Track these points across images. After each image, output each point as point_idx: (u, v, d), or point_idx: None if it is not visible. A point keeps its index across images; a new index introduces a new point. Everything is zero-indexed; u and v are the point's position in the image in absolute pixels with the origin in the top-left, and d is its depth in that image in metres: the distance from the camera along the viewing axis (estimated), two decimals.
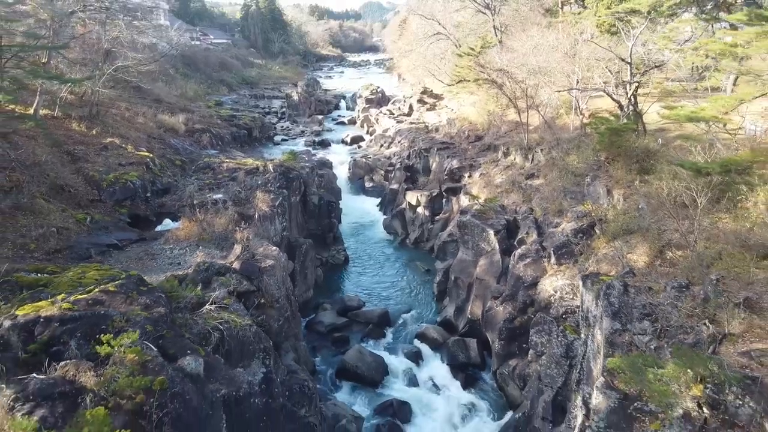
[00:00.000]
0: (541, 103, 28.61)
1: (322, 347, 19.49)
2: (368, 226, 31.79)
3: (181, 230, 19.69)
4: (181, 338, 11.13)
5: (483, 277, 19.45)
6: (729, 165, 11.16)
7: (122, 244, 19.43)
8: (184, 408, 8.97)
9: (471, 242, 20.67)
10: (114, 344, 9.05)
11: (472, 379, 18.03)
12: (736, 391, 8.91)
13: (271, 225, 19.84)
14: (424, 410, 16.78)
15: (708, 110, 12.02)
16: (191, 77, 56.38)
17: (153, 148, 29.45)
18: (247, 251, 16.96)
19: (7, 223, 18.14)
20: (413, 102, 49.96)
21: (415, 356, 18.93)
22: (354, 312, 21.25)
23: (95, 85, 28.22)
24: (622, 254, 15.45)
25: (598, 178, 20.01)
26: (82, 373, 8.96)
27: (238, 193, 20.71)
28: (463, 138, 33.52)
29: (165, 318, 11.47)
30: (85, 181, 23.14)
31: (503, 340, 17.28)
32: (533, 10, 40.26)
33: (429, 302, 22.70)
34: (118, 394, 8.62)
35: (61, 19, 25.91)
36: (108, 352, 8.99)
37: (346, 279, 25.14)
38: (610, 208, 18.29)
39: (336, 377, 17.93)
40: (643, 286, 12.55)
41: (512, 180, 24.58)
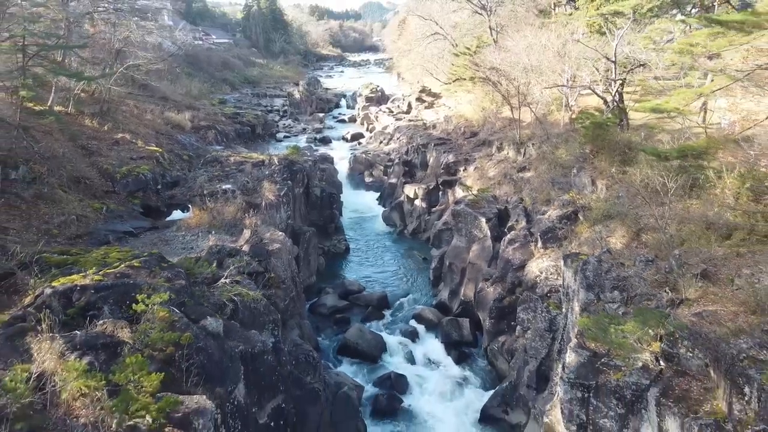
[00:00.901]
0: (534, 101, 29.96)
1: (324, 327, 20.83)
2: (368, 218, 33.13)
3: (193, 218, 21.03)
4: (200, 306, 12.46)
5: (475, 261, 20.79)
6: (686, 151, 12.49)
7: (137, 232, 20.74)
8: (208, 360, 10.30)
9: (464, 230, 22.02)
10: (148, 303, 10.38)
11: (464, 355, 19.37)
12: (687, 344, 10.24)
13: (277, 213, 21.17)
14: (419, 383, 18.12)
15: (671, 103, 13.35)
16: (195, 76, 57.70)
17: (161, 144, 30.82)
18: (256, 236, 18.29)
19: (31, 211, 19.45)
20: (412, 100, 51.29)
21: (411, 335, 20.27)
22: (354, 295, 22.60)
23: (107, 83, 29.54)
24: (601, 237, 16.80)
25: (584, 170, 21.33)
26: (119, 329, 10.30)
27: (246, 183, 22.05)
28: (459, 134, 34.86)
29: (185, 289, 12.79)
30: (99, 173, 24.42)
31: (493, 319, 18.62)
32: (528, 11, 41.63)
33: (425, 287, 24.06)
34: (151, 347, 9.95)
35: (76, 20, 27.24)
36: (142, 310, 10.33)
37: (347, 267, 26.49)
38: (594, 196, 19.62)
39: (338, 353, 19.27)
40: (616, 262, 13.89)
41: (504, 173, 25.92)
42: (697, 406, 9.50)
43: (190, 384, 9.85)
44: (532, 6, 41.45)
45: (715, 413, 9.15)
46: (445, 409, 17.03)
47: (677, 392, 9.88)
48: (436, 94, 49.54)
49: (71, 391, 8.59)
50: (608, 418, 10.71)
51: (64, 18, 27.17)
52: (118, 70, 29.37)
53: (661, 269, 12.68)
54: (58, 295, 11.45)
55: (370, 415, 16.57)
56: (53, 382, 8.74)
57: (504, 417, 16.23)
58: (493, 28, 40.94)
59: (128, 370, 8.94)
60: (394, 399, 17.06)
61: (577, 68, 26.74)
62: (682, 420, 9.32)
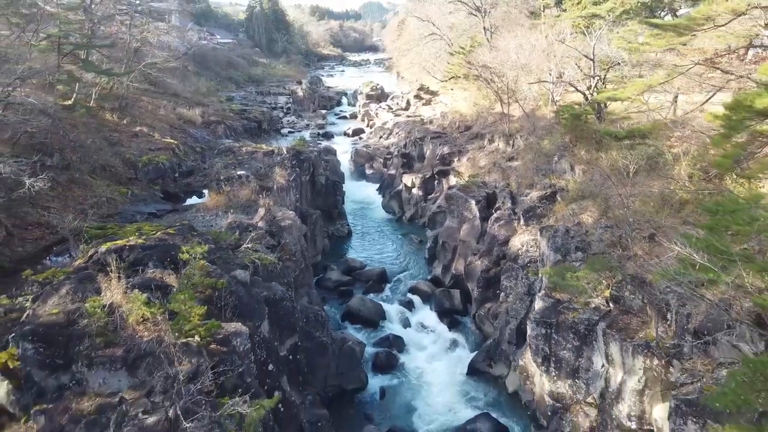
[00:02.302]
0: (523, 97, 32.23)
1: (330, 299, 23.14)
2: (369, 207, 35.44)
3: (210, 201, 23.29)
4: (228, 264, 14.77)
5: (465, 239, 23.10)
6: (634, 132, 14.80)
7: (159, 213, 23.00)
8: (239, 301, 12.62)
9: (456, 211, 24.33)
10: (191, 252, 12.70)
11: (455, 321, 21.69)
12: (631, 288, 12.57)
13: (287, 196, 23.47)
14: (415, 344, 20.43)
15: (625, 92, 15.64)
16: (202, 75, 59.98)
17: (176, 137, 33.14)
18: (269, 214, 20.58)
19: (67, 194, 21.77)
20: (410, 98, 53.54)
21: (408, 305, 22.59)
22: (357, 272, 24.92)
23: (127, 80, 31.83)
24: (575, 214, 19.09)
25: (564, 157, 23.62)
26: (166, 275, 12.63)
27: (259, 169, 24.34)
28: (454, 128, 37.12)
29: (215, 251, 15.10)
30: (122, 162, 26.70)
31: (480, 288, 20.92)
32: (521, 12, 43.94)
33: (421, 264, 26.40)
34: (194, 288, 12.26)
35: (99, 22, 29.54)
36: (187, 258, 12.64)
37: (350, 248, 28.81)
38: (571, 180, 21.93)
39: (342, 320, 21.58)
40: (581, 230, 16.20)
41: (494, 162, 28.19)
42: (634, 333, 11.83)
43: (225, 318, 12.16)
44: (524, 8, 43.76)
45: (646, 338, 11.46)
46: (437, 365, 19.34)
47: (620, 325, 12.21)
48: (434, 92, 51.79)
49: (136, 316, 10.93)
50: (566, 349, 13.03)
51: (88, 20, 29.45)
52: (137, 68, 31.60)
53: (616, 234, 15.00)
54: (111, 253, 13.74)
55: (372, 369, 18.86)
56: (121, 310, 11.07)
57: (488, 370, 18.53)
58: (487, 28, 43.23)
59: (180, 302, 11.25)
60: (392, 356, 19.37)
61: (562, 66, 29.01)
62: (621, 344, 11.65)
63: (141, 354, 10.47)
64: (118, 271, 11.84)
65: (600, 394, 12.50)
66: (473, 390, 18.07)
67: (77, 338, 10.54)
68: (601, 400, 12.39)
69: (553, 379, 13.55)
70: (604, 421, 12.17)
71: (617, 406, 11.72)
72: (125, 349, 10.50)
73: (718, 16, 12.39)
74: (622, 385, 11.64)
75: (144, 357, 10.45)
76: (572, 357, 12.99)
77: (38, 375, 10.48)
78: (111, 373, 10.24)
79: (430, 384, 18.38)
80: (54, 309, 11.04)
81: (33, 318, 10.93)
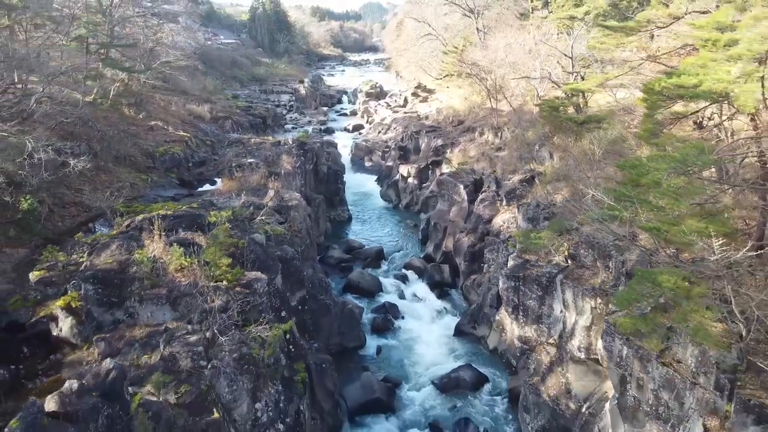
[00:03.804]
0: (511, 93, 34.69)
1: (332, 274, 25.58)
2: (368, 196, 37.92)
3: (224, 186, 25.70)
4: (245, 232, 17.22)
5: (454, 219, 25.56)
6: (591, 118, 17.27)
7: (177, 197, 25.38)
8: (257, 258, 15.08)
9: (447, 195, 26.79)
10: (218, 216, 15.16)
11: (445, 293, 24.16)
12: (585, 247, 15.01)
13: (293, 181, 25.94)
14: (408, 311, 22.88)
15: (585, 84, 18.08)
16: (209, 74, 62.46)
17: (187, 131, 35.60)
18: (278, 195, 23.03)
19: (95, 179, 24.24)
20: (408, 95, 56.01)
21: (402, 278, 25.05)
22: (356, 250, 27.40)
23: (144, 77, 34.31)
24: (549, 194, 21.54)
25: (544, 146, 26.08)
26: (196, 236, 15.09)
27: (268, 156, 26.80)
28: (447, 123, 39.60)
29: (233, 221, 17.55)
30: (141, 152, 29.16)
31: (467, 262, 23.36)
32: (512, 13, 46.43)
33: (415, 244, 28.87)
34: (220, 246, 14.71)
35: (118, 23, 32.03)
36: (214, 221, 15.12)
37: (350, 231, 31.28)
38: (549, 165, 24.38)
39: (343, 291, 24.03)
40: (549, 203, 18.65)
41: (483, 152, 30.65)
42: (585, 282, 14.27)
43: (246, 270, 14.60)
44: (515, 9, 46.25)
45: (593, 284, 13.91)
46: (428, 328, 21.81)
47: (575, 276, 14.66)
48: (431, 89, 54.28)
49: (175, 265, 13.39)
50: (532, 299, 15.49)
51: (108, 21, 31.93)
52: (153, 66, 34.06)
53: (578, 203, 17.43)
54: (147, 221, 16.22)
55: (370, 332, 21.31)
56: (162, 260, 13.54)
57: (472, 331, 20.98)
58: (480, 29, 45.71)
59: (210, 254, 13.71)
60: (388, 320, 21.83)
61: (546, 64, 31.47)
62: (574, 290, 14.10)
63: (181, 294, 12.93)
64: (159, 230, 14.30)
65: (559, 335, 14.95)
66: (459, 348, 20.53)
67: (129, 281, 13.01)
68: (559, 339, 14.83)
69: (522, 326, 16.00)
70: (561, 356, 14.60)
71: (571, 341, 14.15)
72: (168, 289, 12.97)
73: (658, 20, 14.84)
74: (575, 324, 14.07)
75: (183, 296, 12.91)
76: (537, 305, 15.42)
77: (97, 311, 12.96)
78: (158, 307, 12.70)
79: (421, 343, 20.84)
80: (108, 259, 13.52)
81: (91, 266, 13.40)
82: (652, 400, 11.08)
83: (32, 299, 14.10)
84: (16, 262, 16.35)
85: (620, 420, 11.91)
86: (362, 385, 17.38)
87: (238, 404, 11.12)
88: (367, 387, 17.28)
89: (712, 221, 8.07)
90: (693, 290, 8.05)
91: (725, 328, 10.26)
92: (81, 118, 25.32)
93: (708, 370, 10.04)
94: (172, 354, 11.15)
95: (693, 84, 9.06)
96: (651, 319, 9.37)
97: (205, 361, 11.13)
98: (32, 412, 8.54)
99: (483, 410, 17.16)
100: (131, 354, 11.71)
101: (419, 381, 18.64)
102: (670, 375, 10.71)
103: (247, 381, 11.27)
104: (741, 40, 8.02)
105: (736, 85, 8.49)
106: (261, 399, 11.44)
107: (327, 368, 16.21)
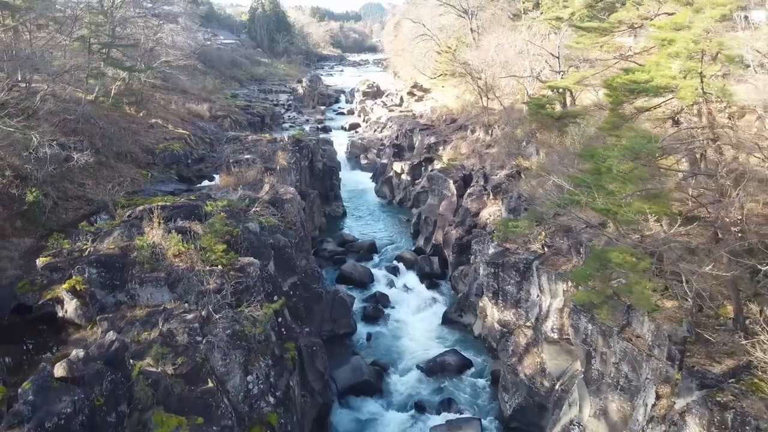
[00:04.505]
0: (503, 92, 35.58)
1: (326, 266, 26.48)
2: (363, 192, 38.84)
3: (222, 181, 26.61)
4: (240, 222, 18.12)
5: (444, 213, 26.47)
6: (567, 113, 18.17)
7: (177, 192, 26.28)
8: (251, 245, 15.99)
9: (437, 190, 27.70)
10: (214, 206, 16.07)
11: (434, 283, 25.06)
12: (560, 235, 15.92)
13: (288, 176, 26.85)
14: (399, 301, 23.79)
15: (562, 82, 19.00)
16: (208, 73, 63.40)
17: (187, 129, 36.52)
18: (273, 189, 23.93)
19: (97, 174, 25.13)
20: (404, 94, 56.94)
21: (393, 270, 25.96)
22: (350, 243, 28.32)
23: (144, 77, 35.22)
24: (533, 188, 22.43)
25: (531, 142, 26.98)
26: (193, 225, 15.99)
27: (264, 152, 27.71)
28: (441, 121, 40.52)
29: (229, 212, 18.46)
30: (141, 149, 30.07)
31: (455, 253, 24.27)
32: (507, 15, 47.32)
33: (407, 238, 29.81)
34: (216, 233, 15.61)
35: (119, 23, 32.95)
36: (210, 210, 16.02)
37: (344, 226, 32.19)
38: (535, 161, 25.28)
39: (336, 282, 24.92)
40: (531, 195, 19.54)
41: (473, 149, 31.57)
42: (559, 267, 15.16)
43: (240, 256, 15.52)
44: (508, 10, 47.13)
45: (566, 269, 14.81)
46: (417, 317, 22.72)
47: (550, 262, 15.57)
48: (427, 89, 55.18)
49: (173, 250, 14.31)
50: (511, 285, 16.41)
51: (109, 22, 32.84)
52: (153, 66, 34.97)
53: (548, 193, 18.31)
54: (147, 211, 17.12)
55: (361, 320, 22.21)
56: (161, 246, 14.45)
57: (459, 319, 21.88)
58: (474, 29, 46.60)
59: (206, 241, 14.62)
60: (378, 309, 22.74)
61: (535, 64, 32.37)
62: (548, 275, 15.00)
63: (178, 277, 13.84)
64: (158, 219, 15.21)
65: (535, 318, 15.85)
66: (446, 335, 21.43)
67: (130, 265, 13.92)
68: (536, 322, 15.73)
69: (501, 310, 16.91)
70: (537, 338, 15.50)
71: (545, 323, 15.05)
72: (166, 273, 13.88)
73: (629, 21, 15.75)
74: (549, 307, 14.97)
75: (181, 279, 13.82)
76: (515, 290, 16.32)
77: (100, 293, 13.86)
78: (157, 289, 13.61)
79: (410, 331, 21.74)
80: (111, 245, 14.44)
81: (95, 252, 14.31)
82: (613, 372, 11.99)
83: (39, 284, 14.98)
84: (23, 251, 17.26)
85: (586, 393, 12.82)
86: (352, 368, 18.28)
87: (231, 376, 12.03)
88: (356, 370, 18.18)
89: (654, 203, 8.97)
90: (638, 265, 8.95)
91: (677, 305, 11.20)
92: (84, 115, 26.15)
93: (662, 342, 10.96)
94: (170, 330, 12.05)
95: (645, 80, 9.98)
96: (602, 292, 10.27)
97: (201, 337, 12.03)
98: (42, 376, 9.44)
99: (466, 391, 18.06)
100: (132, 331, 12.61)
101: (407, 365, 19.54)
102: (629, 349, 11.63)
103: (240, 355, 12.17)
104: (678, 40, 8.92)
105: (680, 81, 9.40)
106: (252, 372, 12.34)
107: (317, 351, 17.08)
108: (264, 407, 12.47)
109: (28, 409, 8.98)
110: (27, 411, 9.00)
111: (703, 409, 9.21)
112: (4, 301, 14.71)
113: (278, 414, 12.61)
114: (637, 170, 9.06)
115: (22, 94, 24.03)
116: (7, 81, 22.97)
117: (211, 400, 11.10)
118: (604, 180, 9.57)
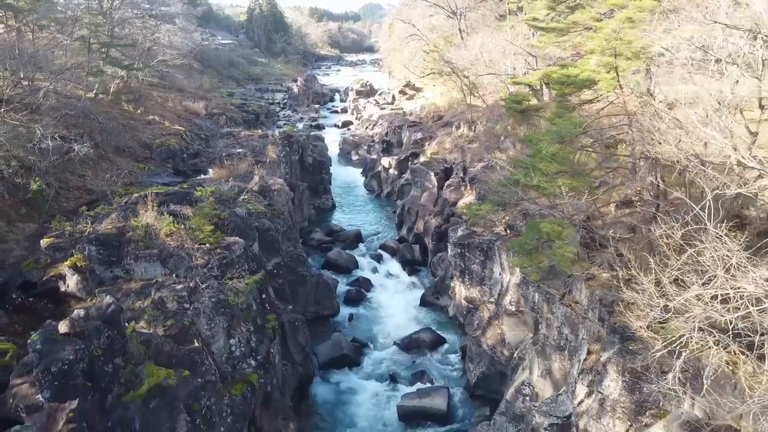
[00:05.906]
0: (486, 91, 37.07)
1: (313, 253, 27.96)
2: (352, 187, 40.33)
3: (214, 174, 28.04)
4: (228, 208, 19.57)
5: (425, 204, 27.94)
6: (530, 108, 19.65)
7: (172, 185, 27.68)
8: (237, 227, 17.46)
9: (419, 182, 29.17)
10: (203, 192, 17.53)
11: (415, 270, 26.54)
12: (520, 218, 17.38)
13: (278, 168, 28.32)
14: (381, 286, 25.26)
15: (529, 78, 20.48)
16: (205, 72, 64.90)
17: (183, 125, 37.96)
18: (263, 180, 25.38)
19: (96, 167, 26.59)
20: (396, 93, 58.45)
21: (377, 258, 27.43)
22: (337, 233, 29.80)
23: (141, 75, 36.69)
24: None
25: (508, 137, 28.47)
26: (184, 208, 17.46)
27: (255, 146, 29.19)
28: (429, 118, 42.02)
29: (219, 198, 19.92)
30: (138, 144, 31.50)
31: (434, 241, 25.73)
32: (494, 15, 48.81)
33: (392, 229, 31.29)
34: (205, 216, 17.07)
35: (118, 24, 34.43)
36: (200, 195, 17.48)
37: (333, 218, 33.66)
38: (513, 154, 26.75)
39: (322, 267, 26.38)
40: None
41: (456, 144, 33.07)
42: None
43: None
44: (495, 11, 48.61)
45: None
46: (397, 300, 24.19)
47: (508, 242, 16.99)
48: (418, 88, 56.69)
49: (165, 230, 15.77)
50: (475, 264, 17.86)
51: (108, 22, 34.34)
52: (152, 64, 36.43)
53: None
54: (142, 197, 18.57)
55: (343, 302, 23.66)
56: (154, 227, 15.91)
57: (436, 301, 23.33)
58: (463, 30, 48.05)
59: (195, 222, 16.09)
60: (361, 293, 24.20)
61: (516, 62, 33.85)
62: (507, 253, 16.46)
63: (170, 254, 15.30)
64: (152, 202, 16.68)
65: (498, 294, 17.31)
66: (423, 315, 22.90)
67: (126, 243, 15.38)
68: (498, 297, 17.19)
69: (468, 287, 18.38)
70: (498, 312, 16.96)
71: (505, 298, 16.51)
72: (159, 250, 15.34)
73: (584, 22, 17.23)
74: (509, 283, 16.43)
75: (172, 256, 15.27)
76: (480, 269, 17.78)
77: (99, 269, 15.32)
78: (150, 264, 15.07)
79: (390, 312, 23.21)
80: (108, 226, 15.90)
81: (94, 231, 15.76)
82: (556, 335, 13.46)
83: (43, 262, 16.43)
84: (28, 234, 18.75)
85: (535, 356, 14.29)
86: (332, 343, 19.75)
87: (216, 339, 13.48)
88: (336, 345, 19.64)
89: (576, 179, 10.45)
90: (563, 232, 10.41)
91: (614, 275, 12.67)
92: (84, 111, 27.62)
93: (594, 306, 12.43)
94: (161, 298, 13.51)
95: (575, 74, 11.45)
96: (535, 258, 11.74)
97: (188, 304, 13.49)
98: (49, 330, 10.89)
99: (438, 365, 19.53)
100: (128, 301, 14.07)
101: (384, 342, 21.01)
102: (569, 313, 13.10)
103: (223, 321, 13.63)
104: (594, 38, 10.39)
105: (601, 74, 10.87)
106: (235, 336, 13.80)
107: (300, 326, 18.54)
108: (246, 368, 13.93)
109: (36, 357, 10.43)
110: (35, 358, 10.45)
111: (619, 357, 10.68)
112: (11, 278, 16.18)
113: (258, 375, 14.06)
114: (562, 152, 10.53)
115: (26, 91, 25.51)
116: (12, 78, 24.46)
117: (197, 358, 12.56)
118: (536, 161, 11.04)
